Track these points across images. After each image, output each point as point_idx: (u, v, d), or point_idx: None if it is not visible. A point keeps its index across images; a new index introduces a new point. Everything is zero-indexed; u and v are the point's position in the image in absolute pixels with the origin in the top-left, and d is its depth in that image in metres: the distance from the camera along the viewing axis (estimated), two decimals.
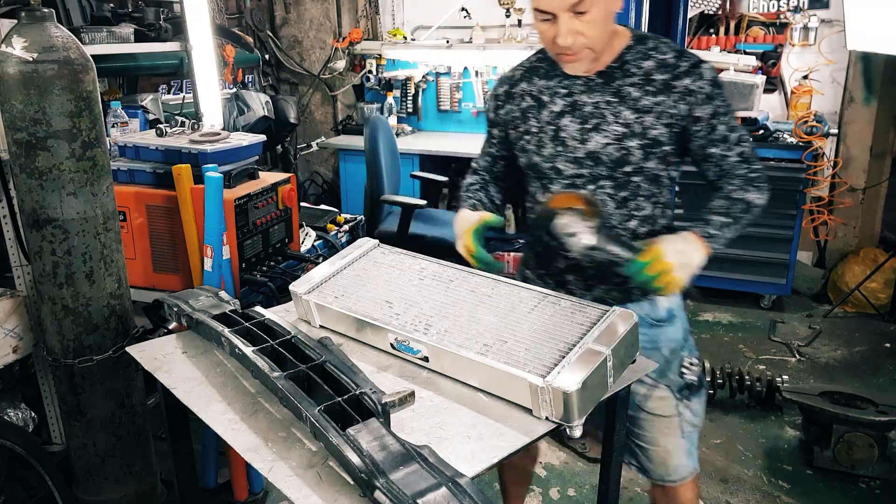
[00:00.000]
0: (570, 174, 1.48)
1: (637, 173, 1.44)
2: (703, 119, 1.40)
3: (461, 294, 1.35)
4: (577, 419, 1.07)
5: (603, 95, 1.43)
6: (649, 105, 1.40)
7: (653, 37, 1.47)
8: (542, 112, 1.50)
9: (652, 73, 1.41)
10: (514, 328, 1.22)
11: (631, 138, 1.41)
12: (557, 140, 1.47)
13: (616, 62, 1.43)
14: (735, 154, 1.43)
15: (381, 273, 1.45)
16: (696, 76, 1.39)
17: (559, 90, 1.48)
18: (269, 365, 1.12)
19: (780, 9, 4.06)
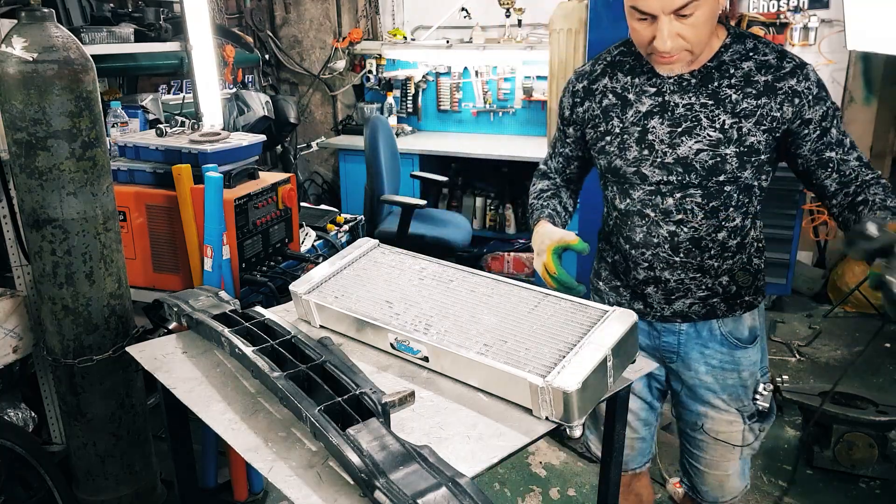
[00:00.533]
0: (655, 180, 1.38)
1: (730, 183, 1.34)
2: (813, 121, 1.31)
3: (461, 294, 1.35)
4: (577, 419, 1.07)
5: (698, 97, 1.33)
6: (750, 109, 1.31)
7: (751, 36, 1.36)
8: (626, 111, 1.39)
9: (753, 74, 1.31)
10: (514, 328, 1.22)
11: (727, 145, 1.32)
12: (644, 143, 1.37)
13: (713, 61, 1.33)
14: (854, 159, 1.32)
15: (381, 273, 1.45)
16: (801, 77, 1.30)
17: (647, 88, 1.38)
18: (269, 365, 1.12)
19: (780, 9, 4.06)
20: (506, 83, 4.53)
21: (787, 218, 3.59)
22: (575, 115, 1.49)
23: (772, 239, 3.60)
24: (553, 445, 2.61)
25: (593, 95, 1.45)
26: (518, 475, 2.44)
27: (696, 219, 1.38)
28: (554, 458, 2.55)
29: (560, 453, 2.59)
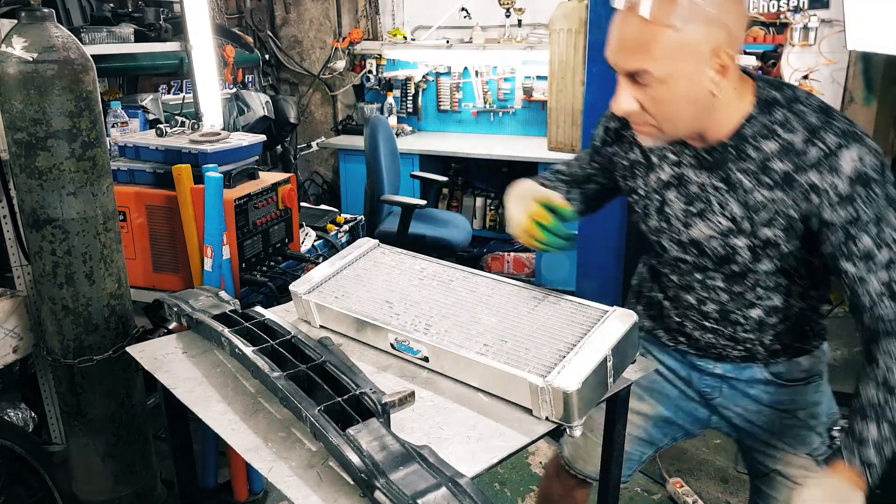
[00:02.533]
0: (674, 255, 1.26)
1: (751, 272, 1.18)
2: (835, 225, 1.06)
3: (461, 294, 1.35)
4: (577, 419, 1.07)
5: (710, 177, 1.16)
6: (762, 202, 1.11)
7: (785, 101, 1.11)
8: (649, 175, 1.25)
9: (771, 159, 1.09)
10: (514, 328, 1.22)
11: (738, 235, 1.15)
12: (662, 215, 1.24)
13: (732, 139, 1.12)
14: (880, 283, 1.04)
15: (381, 273, 1.45)
16: (826, 168, 1.05)
17: (668, 155, 1.22)
18: (269, 365, 1.12)
19: (780, 9, 4.06)
20: (506, 83, 4.54)
21: None
22: (605, 150, 1.36)
23: None
24: (553, 445, 2.61)
25: (622, 142, 1.32)
26: (518, 475, 2.44)
27: (721, 297, 1.25)
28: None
29: None
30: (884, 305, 1.04)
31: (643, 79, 1.05)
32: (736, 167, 1.13)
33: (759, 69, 4.02)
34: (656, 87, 1.04)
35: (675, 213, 1.23)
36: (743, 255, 1.16)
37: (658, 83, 1.04)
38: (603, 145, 1.36)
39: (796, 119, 1.10)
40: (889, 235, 1.04)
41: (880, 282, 1.04)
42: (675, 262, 1.28)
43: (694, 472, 2.43)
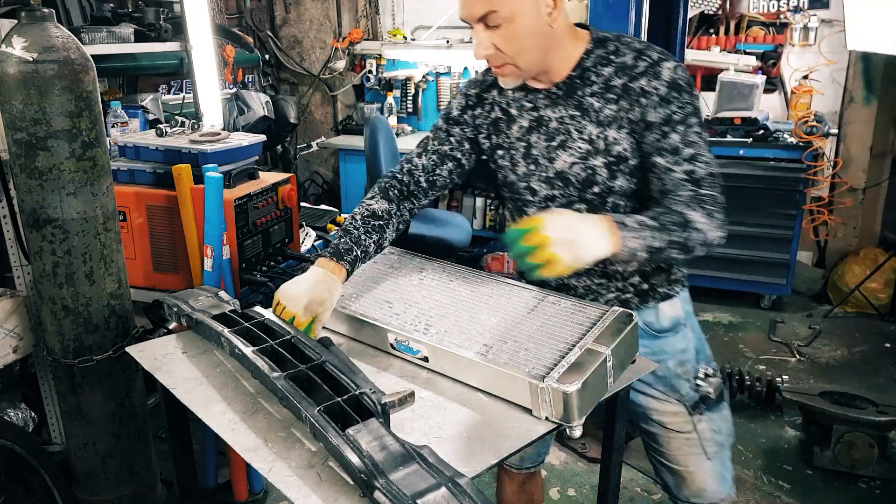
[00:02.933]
0: (544, 195, 1.38)
1: (609, 193, 1.32)
2: (654, 125, 1.25)
3: (461, 294, 1.35)
4: (577, 419, 1.07)
5: (566, 109, 1.32)
6: (611, 116, 1.28)
7: (614, 37, 1.33)
8: (511, 127, 1.39)
9: (611, 78, 1.28)
10: (513, 328, 1.22)
11: (595, 156, 1.30)
12: (529, 158, 1.37)
13: (576, 70, 1.30)
14: (683, 171, 1.23)
15: (380, 273, 1.45)
16: (651, 76, 1.25)
17: (525, 103, 1.37)
18: (269, 365, 1.12)
19: (780, 9, 4.06)
20: None
21: (787, 218, 3.59)
22: (465, 116, 1.46)
23: (772, 239, 3.63)
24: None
25: (483, 104, 1.44)
26: None
27: None
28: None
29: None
30: (684, 187, 1.23)
31: (492, 21, 1.21)
32: (585, 93, 1.30)
33: (759, 69, 4.02)
34: (505, 27, 1.21)
35: (540, 153, 1.36)
36: (601, 174, 1.31)
37: (506, 22, 1.21)
38: (464, 112, 1.46)
39: (624, 47, 1.30)
40: (692, 135, 1.24)
41: (682, 171, 1.24)
42: (541, 204, 1.39)
43: None
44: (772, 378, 2.81)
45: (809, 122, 3.48)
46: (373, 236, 1.40)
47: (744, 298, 3.87)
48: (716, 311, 3.82)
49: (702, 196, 1.22)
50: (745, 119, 3.61)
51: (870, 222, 4.08)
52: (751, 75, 3.87)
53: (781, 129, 3.68)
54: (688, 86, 1.26)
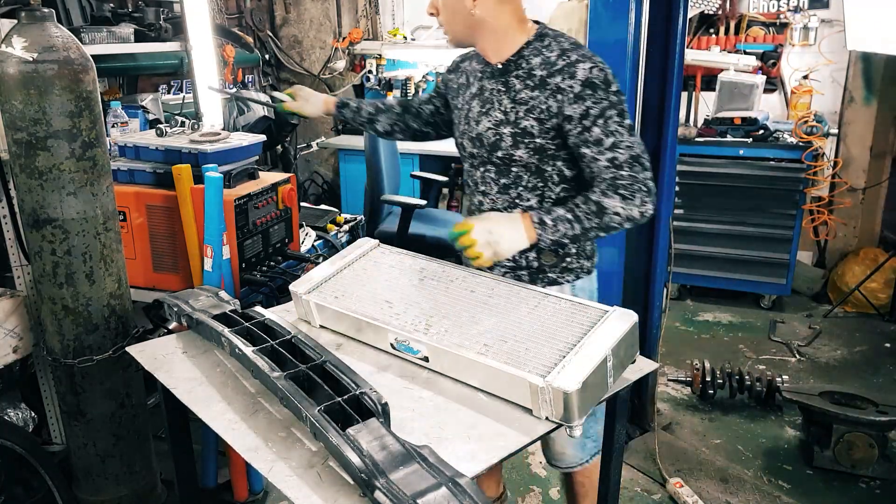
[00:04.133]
0: (469, 151, 1.63)
1: (511, 161, 1.53)
2: (574, 118, 1.43)
3: (461, 294, 1.35)
4: (578, 419, 1.07)
5: (496, 83, 1.55)
6: (525, 98, 1.49)
7: (552, 35, 1.53)
8: (466, 92, 1.65)
9: (535, 69, 1.49)
10: (514, 328, 1.22)
11: (505, 125, 1.52)
12: (466, 119, 1.63)
13: (515, 55, 1.53)
14: (606, 159, 1.42)
15: (381, 273, 1.45)
16: (566, 75, 1.44)
17: (478, 74, 1.62)
18: (269, 365, 1.12)
19: (780, 9, 4.06)
20: None
21: (787, 218, 3.59)
22: (445, 77, 1.78)
23: (772, 239, 3.63)
24: None
25: (457, 71, 1.73)
26: (518, 475, 2.44)
27: (493, 192, 1.60)
28: None
29: None
30: (608, 172, 1.42)
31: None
32: (513, 75, 1.53)
33: (759, 69, 4.02)
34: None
35: (473, 116, 1.60)
36: (506, 141, 1.52)
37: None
38: (448, 73, 1.77)
39: (556, 44, 1.51)
40: (612, 127, 1.42)
41: (606, 158, 1.42)
42: (469, 160, 1.65)
43: (694, 472, 2.43)
44: (772, 378, 2.81)
45: (809, 122, 3.48)
46: (370, 108, 1.88)
47: (744, 298, 3.87)
48: (716, 311, 3.82)
49: (621, 180, 1.41)
50: (745, 119, 3.61)
51: (870, 222, 4.08)
52: (751, 75, 3.87)
53: (781, 129, 3.68)
54: (603, 84, 1.43)
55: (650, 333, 2.55)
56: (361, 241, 1.57)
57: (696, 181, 3.67)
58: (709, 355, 3.16)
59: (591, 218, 1.40)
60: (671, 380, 3.00)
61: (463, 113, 1.65)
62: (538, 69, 1.49)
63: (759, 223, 3.62)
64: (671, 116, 2.34)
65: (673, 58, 2.28)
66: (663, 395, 2.93)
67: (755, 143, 3.59)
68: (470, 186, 1.69)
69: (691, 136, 3.69)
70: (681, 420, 2.79)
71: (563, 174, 1.53)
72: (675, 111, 2.36)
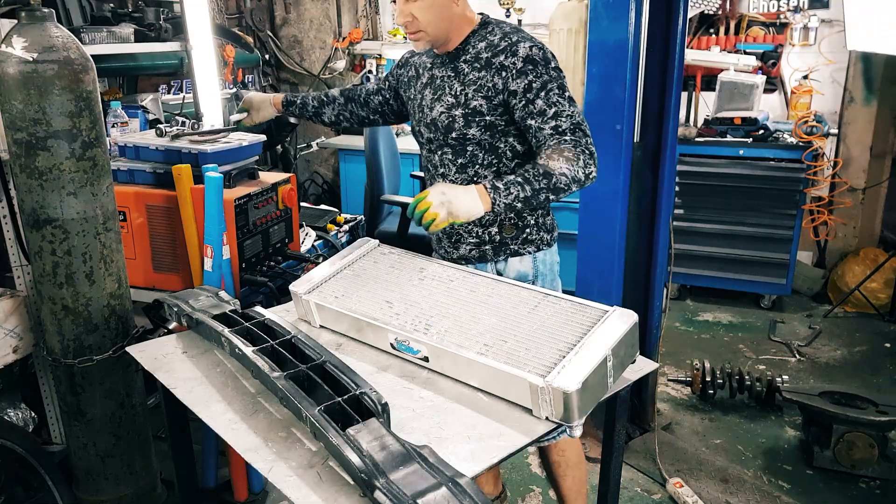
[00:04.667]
0: (426, 137, 1.72)
1: (465, 140, 1.63)
2: (518, 93, 1.54)
3: (461, 294, 1.35)
4: (578, 419, 1.07)
5: (446, 71, 1.67)
6: (473, 79, 1.60)
7: (495, 23, 1.66)
8: (416, 83, 1.76)
9: (481, 52, 1.61)
10: (514, 328, 1.22)
11: (456, 108, 1.62)
12: (420, 108, 1.73)
13: (462, 44, 1.65)
14: (549, 127, 1.52)
15: (381, 273, 1.45)
16: (509, 53, 1.55)
17: (427, 65, 1.74)
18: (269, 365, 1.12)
19: (780, 9, 4.05)
20: None
21: (787, 218, 3.59)
22: (395, 72, 1.88)
23: (772, 239, 3.63)
24: None
25: (407, 66, 1.83)
26: (518, 475, 2.44)
27: (452, 173, 1.69)
28: None
29: None
30: (553, 139, 1.51)
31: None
32: (461, 60, 1.65)
33: (759, 69, 4.02)
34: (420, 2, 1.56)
35: (427, 104, 1.70)
36: (459, 122, 1.62)
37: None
38: (398, 68, 1.88)
39: (499, 29, 1.63)
40: (553, 98, 1.53)
41: (549, 127, 1.52)
42: (427, 146, 1.74)
43: (694, 472, 2.43)
44: (772, 378, 2.81)
45: (809, 122, 3.48)
46: (314, 102, 2.01)
47: (744, 298, 3.87)
48: (716, 311, 3.82)
49: (564, 145, 1.49)
50: (745, 119, 3.61)
51: (870, 222, 4.08)
52: (751, 75, 3.87)
53: (781, 129, 3.68)
54: (543, 60, 1.54)
55: (650, 333, 2.55)
56: (361, 241, 1.57)
57: (695, 181, 3.67)
58: (709, 355, 3.16)
59: (540, 180, 1.45)
60: (671, 380, 3.00)
61: (416, 102, 1.75)
62: (484, 52, 1.60)
63: (759, 223, 3.62)
64: (671, 116, 2.34)
65: (673, 58, 2.28)
66: (663, 395, 2.93)
67: (755, 143, 3.59)
68: (430, 171, 1.78)
69: (691, 136, 3.69)
70: (681, 420, 2.79)
71: (515, 149, 1.64)
72: (675, 111, 2.36)
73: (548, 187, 1.46)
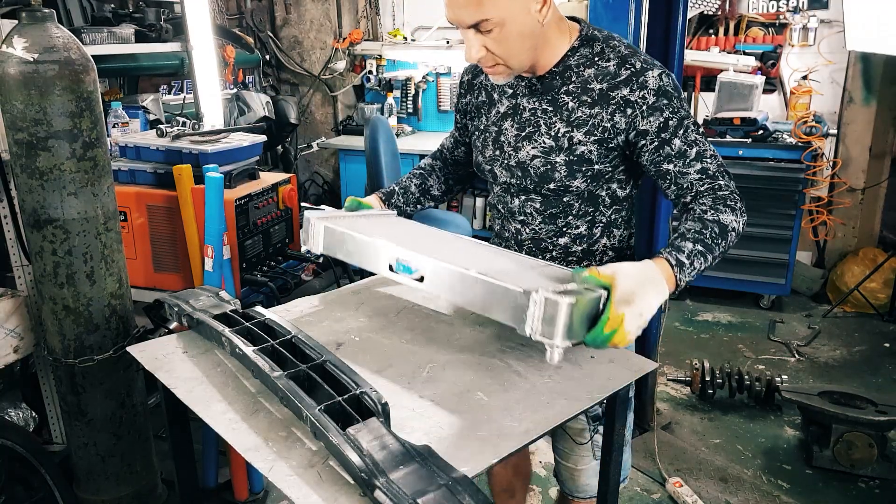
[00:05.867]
0: (502, 181, 1.45)
1: (564, 191, 1.36)
2: (650, 133, 1.27)
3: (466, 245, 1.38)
4: (560, 338, 1.01)
5: (540, 102, 1.36)
6: (583, 118, 1.30)
7: (603, 38, 1.33)
8: (491, 110, 1.45)
9: (591, 81, 1.30)
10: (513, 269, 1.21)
11: (557, 153, 1.33)
12: (497, 144, 1.43)
13: (558, 66, 1.33)
14: (695, 171, 1.26)
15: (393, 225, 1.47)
16: (636, 85, 1.26)
17: (507, 90, 1.42)
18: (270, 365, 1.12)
19: (779, 9, 4.06)
20: None
21: (787, 218, 3.60)
22: (460, 104, 1.58)
23: (771, 239, 3.64)
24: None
25: (473, 90, 1.52)
26: None
27: (536, 222, 1.43)
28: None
29: None
30: (701, 184, 1.26)
31: (484, 27, 1.22)
32: (562, 91, 1.33)
33: (759, 70, 4.02)
34: (497, 31, 1.22)
35: (507, 140, 1.41)
36: (560, 172, 1.34)
37: (497, 27, 1.21)
38: (460, 99, 1.57)
39: (611, 50, 1.31)
40: (692, 135, 1.27)
41: (696, 171, 1.26)
42: (503, 190, 1.47)
43: (693, 471, 2.43)
44: (771, 378, 2.81)
45: (809, 122, 3.48)
46: (414, 180, 1.64)
47: (743, 298, 3.88)
48: (715, 311, 3.82)
49: (722, 192, 1.25)
50: (744, 119, 3.61)
51: (869, 222, 4.08)
52: (750, 76, 3.87)
53: (781, 129, 3.68)
54: (675, 91, 1.28)
55: (650, 333, 2.55)
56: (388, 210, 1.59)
57: None
58: (708, 355, 3.16)
59: (720, 242, 1.20)
60: (671, 379, 3.00)
61: (490, 136, 1.44)
62: (595, 81, 1.29)
63: (759, 223, 3.62)
64: None
65: (673, 58, 2.29)
66: (663, 395, 2.94)
67: (754, 144, 3.59)
68: (501, 213, 1.51)
69: None
70: (680, 420, 2.79)
71: (615, 195, 1.39)
72: None
73: (723, 250, 1.21)
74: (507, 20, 1.20)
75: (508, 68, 1.28)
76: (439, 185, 1.67)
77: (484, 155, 1.47)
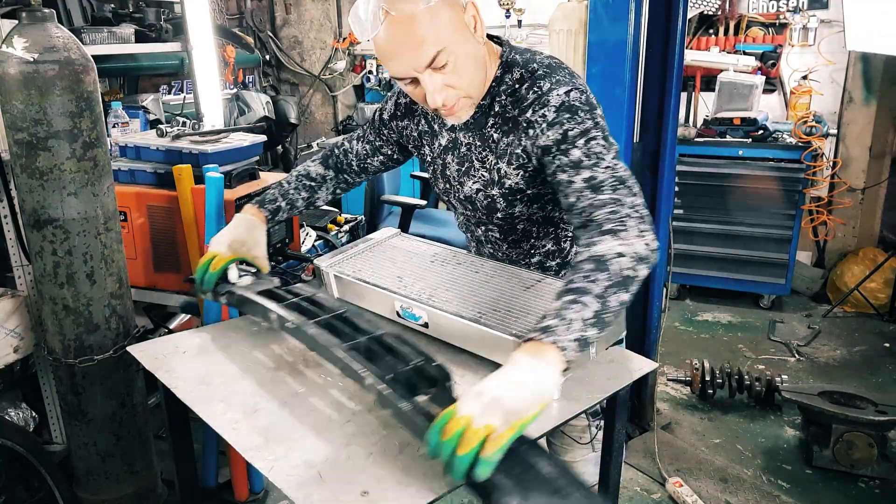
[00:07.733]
0: (461, 212, 1.44)
1: (513, 219, 1.34)
2: (551, 148, 1.19)
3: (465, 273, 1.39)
4: None
5: (473, 137, 1.32)
6: (503, 148, 1.27)
7: (521, 62, 1.26)
8: (434, 142, 1.41)
9: (508, 110, 1.26)
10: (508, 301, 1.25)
11: (492, 186, 1.31)
12: (444, 177, 1.41)
13: (486, 98, 1.27)
14: (581, 179, 1.14)
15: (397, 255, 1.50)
16: (538, 105, 1.20)
17: (445, 122, 1.36)
18: (328, 337, 1.11)
19: (779, 9, 4.06)
20: None
21: (787, 218, 3.60)
22: (393, 124, 1.48)
23: (771, 239, 3.64)
24: None
25: (412, 115, 1.44)
26: None
27: (503, 249, 1.42)
28: None
29: None
30: (584, 199, 1.13)
31: (439, 61, 1.14)
32: (488, 123, 1.29)
33: (759, 69, 4.02)
34: (451, 62, 1.15)
35: (451, 175, 1.38)
36: (499, 203, 1.33)
37: (451, 56, 1.15)
38: (391, 119, 1.48)
39: (528, 75, 1.24)
40: (596, 148, 1.16)
41: (582, 179, 1.14)
42: (465, 219, 1.46)
43: (693, 471, 2.43)
44: (771, 378, 2.81)
45: (809, 122, 3.48)
46: (302, 193, 1.54)
47: (743, 298, 3.88)
48: (715, 311, 3.82)
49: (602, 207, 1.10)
50: (744, 119, 3.61)
51: (869, 222, 4.08)
52: (750, 76, 3.87)
53: (781, 129, 3.68)
54: (585, 105, 1.19)
55: (650, 333, 2.55)
56: (385, 230, 1.61)
57: (695, 181, 3.68)
58: (708, 355, 3.16)
59: (596, 280, 1.00)
60: (671, 379, 3.00)
61: (438, 168, 1.41)
62: (510, 109, 1.25)
63: (759, 223, 3.62)
64: (671, 117, 2.34)
65: (672, 58, 2.29)
66: (663, 395, 2.94)
67: (754, 144, 3.59)
68: (472, 241, 1.50)
69: (691, 137, 3.70)
70: (680, 420, 2.79)
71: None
72: (675, 111, 2.37)
73: (612, 284, 1.00)
74: (456, 45, 1.15)
75: (470, 97, 1.23)
76: (326, 196, 1.58)
77: (438, 187, 1.45)
